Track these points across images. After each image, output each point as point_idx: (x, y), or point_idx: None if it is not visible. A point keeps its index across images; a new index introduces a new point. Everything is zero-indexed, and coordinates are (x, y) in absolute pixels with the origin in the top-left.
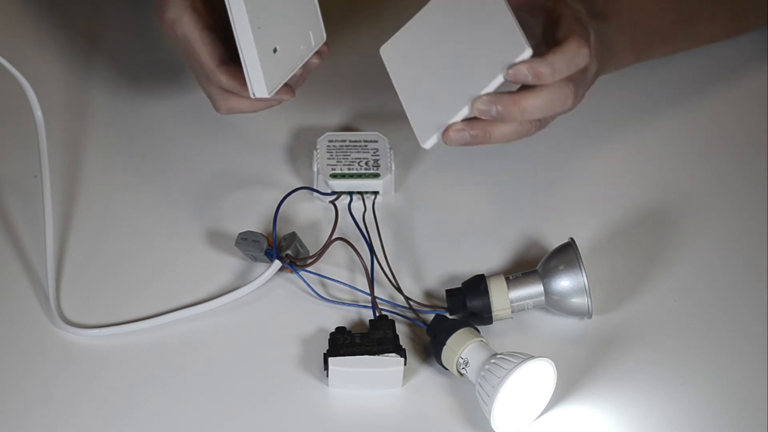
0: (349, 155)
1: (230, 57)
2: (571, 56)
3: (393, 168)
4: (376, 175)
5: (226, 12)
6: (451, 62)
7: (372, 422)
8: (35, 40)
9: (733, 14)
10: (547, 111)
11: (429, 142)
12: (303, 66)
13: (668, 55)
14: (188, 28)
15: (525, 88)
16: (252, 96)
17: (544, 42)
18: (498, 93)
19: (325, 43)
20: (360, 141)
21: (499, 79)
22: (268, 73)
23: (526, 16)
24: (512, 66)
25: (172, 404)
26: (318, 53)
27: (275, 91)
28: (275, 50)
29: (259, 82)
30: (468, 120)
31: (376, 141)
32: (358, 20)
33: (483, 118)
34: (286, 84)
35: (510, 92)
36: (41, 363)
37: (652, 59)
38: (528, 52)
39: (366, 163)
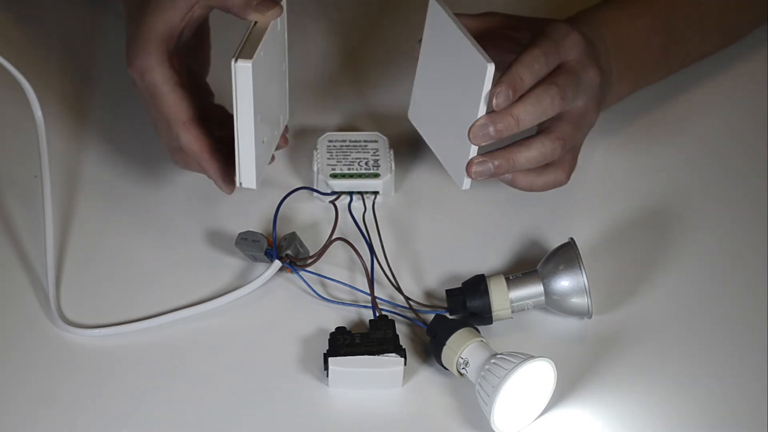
0: (349, 155)
1: (196, 117)
2: (530, 62)
3: (393, 168)
4: (376, 175)
5: (189, 72)
6: (450, 103)
7: (372, 422)
8: (35, 41)
9: (721, 27)
10: (540, 113)
11: (466, 183)
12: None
13: (664, 78)
14: (160, 80)
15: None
16: (238, 185)
17: None
18: (489, 114)
19: (286, 126)
20: (360, 141)
21: (482, 110)
22: (259, 166)
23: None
24: (490, 92)
25: (172, 404)
26: (283, 137)
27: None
28: (264, 141)
29: (250, 175)
30: (490, 152)
31: (376, 141)
32: (357, 20)
33: (483, 143)
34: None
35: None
36: (41, 363)
37: (649, 84)
38: (492, 66)
39: (366, 163)
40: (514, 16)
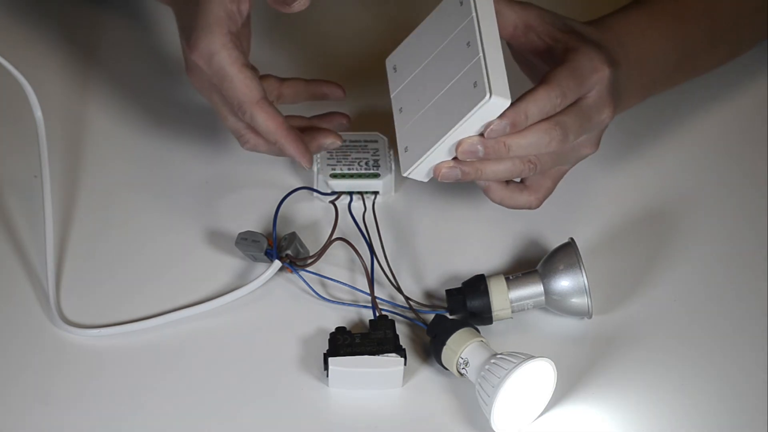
0: (349, 155)
1: (266, 95)
2: (543, 102)
3: (393, 168)
4: (376, 175)
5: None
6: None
7: (372, 422)
8: (35, 40)
9: (730, 41)
10: (534, 149)
11: (409, 172)
12: None
13: (667, 90)
14: (227, 62)
15: None
16: (405, 174)
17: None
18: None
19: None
20: (360, 141)
21: (471, 131)
22: None
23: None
24: (489, 124)
25: (172, 404)
26: None
27: None
28: None
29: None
30: None
31: (376, 141)
32: (358, 20)
33: (468, 159)
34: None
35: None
36: (41, 363)
37: (652, 95)
38: (487, 98)
39: (366, 163)
40: (549, 16)
